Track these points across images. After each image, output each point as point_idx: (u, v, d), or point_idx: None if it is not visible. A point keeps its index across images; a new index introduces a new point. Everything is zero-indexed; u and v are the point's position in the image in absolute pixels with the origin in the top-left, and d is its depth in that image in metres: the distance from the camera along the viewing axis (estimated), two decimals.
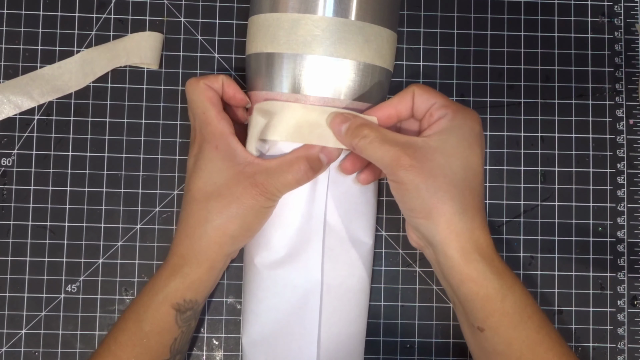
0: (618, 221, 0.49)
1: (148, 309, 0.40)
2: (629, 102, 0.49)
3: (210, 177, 0.39)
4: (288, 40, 0.40)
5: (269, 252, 0.41)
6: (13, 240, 0.47)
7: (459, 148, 0.38)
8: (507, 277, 0.38)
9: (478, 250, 0.37)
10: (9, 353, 0.46)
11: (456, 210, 0.37)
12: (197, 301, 0.41)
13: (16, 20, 0.48)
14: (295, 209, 0.41)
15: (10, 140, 0.48)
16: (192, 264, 0.40)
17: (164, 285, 0.40)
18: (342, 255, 0.42)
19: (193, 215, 0.40)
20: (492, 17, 0.49)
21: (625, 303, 0.48)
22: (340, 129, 0.39)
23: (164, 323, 0.40)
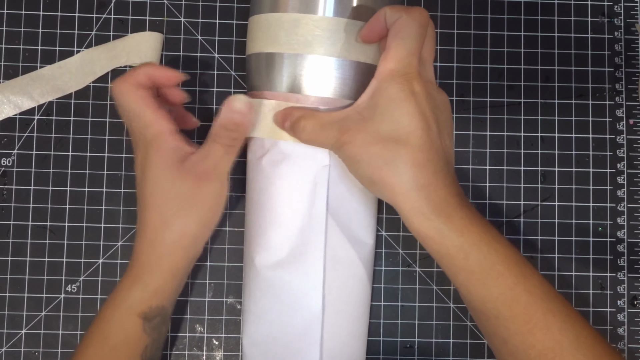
0: (618, 221, 0.49)
1: (111, 322, 0.39)
2: (629, 102, 0.49)
3: (158, 182, 0.38)
4: (289, 40, 0.39)
5: (269, 252, 0.41)
6: (13, 240, 0.47)
7: (386, 110, 0.36)
8: (472, 231, 0.36)
9: (432, 207, 0.36)
10: (9, 353, 0.46)
11: (396, 173, 0.36)
12: (164, 307, 0.40)
13: (16, 20, 0.48)
14: (295, 209, 0.41)
15: (10, 140, 0.48)
16: (153, 271, 0.39)
17: (126, 296, 0.39)
18: (344, 256, 0.42)
19: (149, 223, 0.39)
20: (492, 17, 0.49)
21: (625, 303, 0.48)
22: (284, 126, 0.39)
23: (131, 333, 0.39)
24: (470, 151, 0.49)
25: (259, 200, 0.41)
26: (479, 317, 0.38)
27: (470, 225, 0.36)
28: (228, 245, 0.48)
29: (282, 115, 0.39)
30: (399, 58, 0.36)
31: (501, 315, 0.36)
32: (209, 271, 0.47)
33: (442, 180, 0.36)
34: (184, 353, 0.47)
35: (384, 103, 0.36)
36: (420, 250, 0.48)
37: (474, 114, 0.49)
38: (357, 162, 0.37)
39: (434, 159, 0.36)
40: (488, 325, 0.38)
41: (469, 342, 0.48)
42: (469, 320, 0.48)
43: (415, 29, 0.36)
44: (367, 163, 0.36)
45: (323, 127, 0.38)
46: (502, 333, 0.36)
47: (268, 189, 0.41)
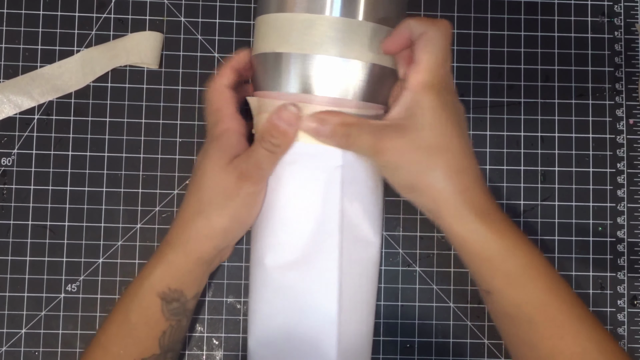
0: (618, 221, 0.49)
1: (135, 298, 0.40)
2: (629, 102, 0.49)
3: (206, 173, 0.40)
4: (300, 41, 0.39)
5: (281, 253, 0.41)
6: (13, 240, 0.47)
7: (425, 120, 0.37)
8: (509, 236, 0.37)
9: (474, 210, 0.37)
10: (9, 353, 0.46)
11: (438, 179, 0.37)
12: (182, 292, 0.40)
13: (16, 20, 0.48)
14: (307, 209, 0.40)
15: (10, 139, 0.48)
16: (178, 251, 0.40)
17: (149, 273, 0.40)
18: (356, 257, 0.41)
19: (187, 208, 0.40)
20: (492, 17, 0.49)
21: (625, 303, 0.48)
22: (318, 131, 0.38)
23: (151, 313, 0.40)
24: None
25: (269, 200, 0.41)
26: (509, 324, 0.38)
27: (508, 229, 0.38)
28: None
29: (318, 120, 0.38)
30: (431, 70, 0.37)
31: (534, 319, 0.37)
32: None
33: (481, 186, 0.38)
34: (184, 353, 0.47)
35: (421, 113, 0.37)
36: (420, 250, 0.48)
37: (474, 113, 0.49)
38: (397, 168, 0.37)
39: (472, 165, 0.38)
40: (519, 332, 0.38)
41: (469, 342, 0.48)
42: (469, 320, 0.48)
43: (442, 41, 0.37)
44: (407, 169, 0.37)
45: (362, 132, 0.38)
46: (532, 338, 0.37)
47: (278, 189, 0.41)
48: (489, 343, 0.48)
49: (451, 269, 0.48)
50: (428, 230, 0.48)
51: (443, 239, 0.48)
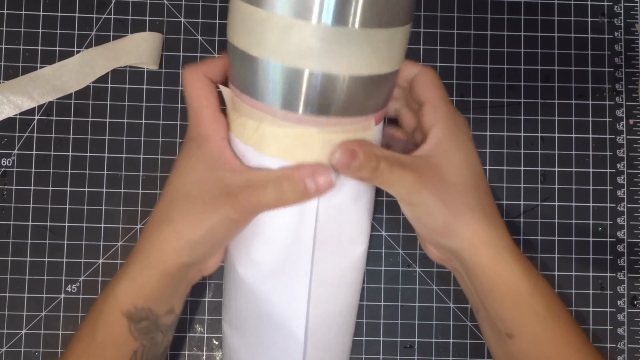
0: (618, 221, 0.49)
1: (100, 317, 0.36)
2: (629, 102, 0.49)
3: (186, 176, 0.35)
4: (278, 49, 0.32)
5: (253, 266, 0.38)
6: (13, 240, 0.47)
7: (459, 155, 0.36)
8: (534, 275, 0.37)
9: (507, 250, 0.36)
10: (9, 353, 0.46)
11: (477, 218, 0.35)
12: (151, 310, 0.36)
13: (16, 20, 0.48)
14: (282, 223, 0.36)
15: (10, 140, 0.48)
16: (142, 264, 0.36)
17: (113, 289, 0.36)
18: (331, 271, 0.38)
19: (156, 213, 0.36)
20: (492, 17, 0.49)
21: (625, 303, 0.48)
22: (346, 165, 0.34)
23: (118, 333, 0.36)
24: None
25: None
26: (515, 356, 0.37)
27: (531, 266, 0.37)
28: None
29: (346, 154, 0.34)
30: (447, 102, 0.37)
31: (551, 358, 0.36)
32: None
33: (502, 220, 0.37)
34: (184, 353, 0.47)
35: (454, 149, 0.36)
36: (420, 251, 0.48)
37: (474, 114, 0.49)
38: (430, 208, 0.35)
39: (492, 198, 0.37)
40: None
41: (468, 342, 0.48)
42: (469, 320, 0.48)
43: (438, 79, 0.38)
44: (443, 209, 0.35)
45: (393, 167, 0.34)
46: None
47: None
48: None
49: None
50: None
51: None
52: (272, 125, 0.34)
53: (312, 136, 0.34)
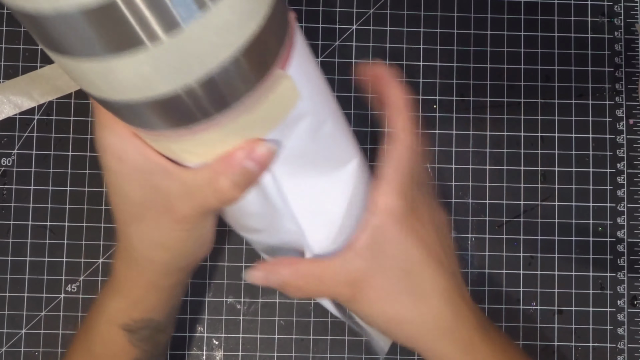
0: (618, 221, 0.49)
1: (94, 330, 0.35)
2: (629, 102, 0.49)
3: (123, 194, 0.31)
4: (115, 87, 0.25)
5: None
6: (13, 240, 0.47)
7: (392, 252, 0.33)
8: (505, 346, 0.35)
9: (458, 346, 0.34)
10: (9, 353, 0.46)
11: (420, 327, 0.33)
12: (151, 319, 0.35)
13: (16, 20, 0.48)
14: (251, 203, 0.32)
15: (10, 140, 0.48)
16: (130, 284, 0.34)
17: (106, 305, 0.35)
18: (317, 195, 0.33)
19: (120, 239, 0.33)
20: (492, 17, 0.49)
21: (625, 303, 0.48)
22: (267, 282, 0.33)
23: (116, 345, 0.35)
24: (470, 151, 0.49)
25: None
26: None
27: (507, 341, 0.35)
28: (228, 245, 0.48)
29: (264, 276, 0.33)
30: (395, 193, 0.33)
31: None
32: (209, 271, 0.47)
33: (463, 318, 0.34)
34: (184, 353, 0.47)
35: (387, 244, 0.33)
36: None
37: (474, 114, 0.49)
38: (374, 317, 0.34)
39: (452, 296, 0.34)
40: None
41: None
42: None
43: (407, 156, 0.33)
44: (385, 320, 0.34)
45: (323, 283, 0.32)
46: None
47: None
48: None
49: None
50: None
51: None
52: (175, 143, 0.28)
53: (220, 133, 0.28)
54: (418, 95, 0.49)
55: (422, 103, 0.49)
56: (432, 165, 0.49)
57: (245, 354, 0.47)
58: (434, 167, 0.49)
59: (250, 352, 0.47)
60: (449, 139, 0.49)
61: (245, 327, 0.47)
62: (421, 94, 0.49)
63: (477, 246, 0.48)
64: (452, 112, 0.49)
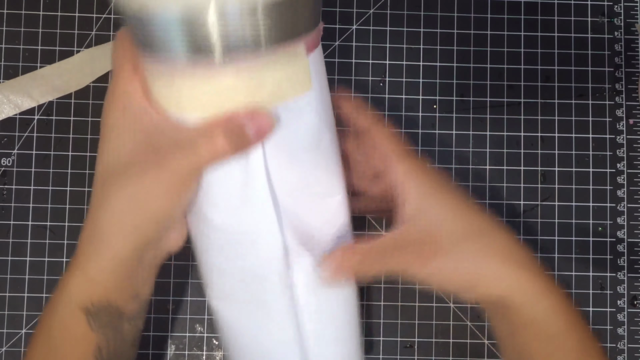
0: (618, 221, 0.49)
1: (55, 312, 0.33)
2: (629, 102, 0.49)
3: (113, 148, 0.31)
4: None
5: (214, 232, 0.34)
6: (13, 240, 0.47)
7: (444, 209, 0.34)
8: (568, 309, 0.35)
9: (541, 289, 0.34)
10: (9, 353, 0.46)
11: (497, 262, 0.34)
12: (110, 303, 0.33)
13: (16, 20, 0.48)
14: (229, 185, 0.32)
15: (10, 140, 0.48)
16: (90, 255, 0.32)
17: (66, 282, 0.33)
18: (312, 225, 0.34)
19: (94, 197, 0.32)
20: (492, 17, 0.49)
21: (625, 303, 0.48)
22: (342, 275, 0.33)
23: (76, 328, 0.33)
24: (470, 151, 0.49)
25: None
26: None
27: (563, 298, 0.35)
28: None
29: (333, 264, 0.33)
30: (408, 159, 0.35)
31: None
32: None
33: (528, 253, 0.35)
34: (184, 353, 0.47)
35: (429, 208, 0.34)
36: None
37: (474, 114, 0.49)
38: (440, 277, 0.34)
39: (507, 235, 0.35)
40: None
41: (468, 342, 0.48)
42: (469, 320, 0.48)
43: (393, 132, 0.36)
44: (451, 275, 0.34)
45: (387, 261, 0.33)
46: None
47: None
48: (489, 343, 0.48)
49: None
50: None
51: None
52: (188, 80, 0.29)
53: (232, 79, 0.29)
54: (418, 96, 0.49)
55: (422, 103, 0.49)
56: (432, 165, 0.49)
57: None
58: (434, 168, 0.49)
59: None
60: (449, 139, 0.49)
61: None
62: (421, 94, 0.49)
63: None
64: (452, 112, 0.49)
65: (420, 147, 0.49)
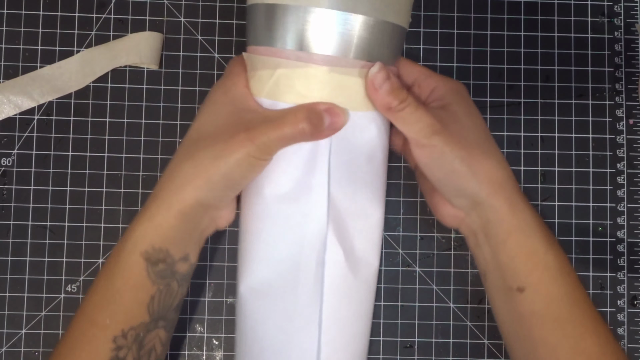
0: (618, 221, 0.49)
1: (118, 261, 0.36)
2: (629, 102, 0.49)
3: (209, 117, 0.37)
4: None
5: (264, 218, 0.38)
6: (13, 240, 0.47)
7: (464, 111, 0.38)
8: (547, 229, 0.37)
9: (523, 199, 0.37)
10: (9, 353, 0.46)
11: (493, 161, 0.37)
12: (168, 252, 0.36)
13: (16, 20, 0.48)
14: (294, 178, 0.37)
15: (10, 140, 0.48)
16: (160, 204, 0.36)
17: (132, 231, 0.36)
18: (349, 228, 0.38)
19: (179, 153, 0.37)
20: (492, 17, 0.49)
21: (625, 303, 0.48)
22: (383, 85, 0.36)
23: (136, 276, 0.36)
24: None
25: None
26: (532, 324, 0.37)
27: (542, 222, 0.38)
28: (228, 245, 0.48)
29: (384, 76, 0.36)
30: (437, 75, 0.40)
31: (561, 317, 0.36)
32: (209, 271, 0.47)
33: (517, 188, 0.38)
34: (184, 353, 0.47)
35: (459, 105, 0.38)
36: (420, 251, 0.48)
37: None
38: (450, 150, 0.36)
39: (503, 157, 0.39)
40: (541, 332, 0.37)
41: (468, 342, 0.48)
42: (469, 321, 0.48)
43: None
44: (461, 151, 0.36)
45: (419, 107, 0.37)
46: (554, 338, 0.36)
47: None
48: (489, 343, 0.48)
49: (451, 269, 0.48)
50: (428, 231, 0.48)
51: (443, 239, 0.48)
52: (286, 68, 0.36)
53: (323, 75, 0.36)
54: None
55: None
56: None
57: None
58: None
59: None
60: None
61: None
62: None
63: None
64: None
65: None
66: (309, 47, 0.36)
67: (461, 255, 0.48)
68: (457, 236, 0.48)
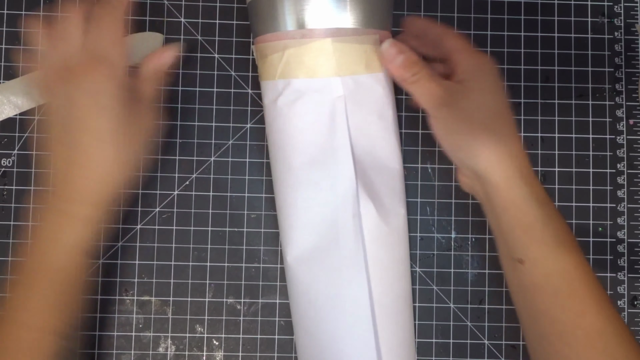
0: (618, 221, 0.49)
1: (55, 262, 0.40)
2: (629, 102, 0.49)
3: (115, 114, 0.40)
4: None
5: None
6: (13, 240, 0.47)
7: (480, 88, 0.39)
8: (548, 205, 0.38)
9: (521, 175, 0.38)
10: None
11: (495, 139, 0.38)
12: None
13: (16, 20, 0.48)
14: (317, 143, 0.41)
15: (11, 140, 0.48)
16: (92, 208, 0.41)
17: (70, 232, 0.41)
18: (374, 183, 0.42)
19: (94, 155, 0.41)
20: (492, 17, 0.49)
21: (625, 303, 0.48)
22: (395, 59, 0.40)
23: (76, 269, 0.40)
24: None
25: (280, 141, 0.42)
26: (533, 296, 0.38)
27: (546, 197, 0.39)
28: (228, 246, 0.48)
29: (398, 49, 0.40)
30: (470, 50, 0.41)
31: (560, 291, 0.37)
32: (209, 271, 0.47)
33: (525, 154, 0.39)
34: (184, 353, 0.47)
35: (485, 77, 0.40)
36: (420, 251, 0.48)
37: None
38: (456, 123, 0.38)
39: (517, 133, 0.40)
40: (541, 304, 0.37)
41: (469, 342, 0.48)
42: (469, 321, 0.48)
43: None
44: (466, 125, 0.38)
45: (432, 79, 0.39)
46: (554, 311, 0.37)
47: (287, 129, 0.41)
48: (489, 344, 0.48)
49: (451, 269, 0.48)
50: (428, 231, 0.48)
51: (443, 239, 0.48)
52: (294, 47, 0.40)
53: (327, 46, 0.40)
54: None
55: None
56: (433, 165, 0.49)
57: (246, 355, 0.47)
58: (434, 168, 0.49)
59: (251, 353, 0.47)
60: None
61: (246, 327, 0.47)
62: None
63: (477, 246, 0.48)
64: None
65: (421, 148, 0.49)
66: (311, 24, 0.40)
67: (461, 255, 0.48)
68: (457, 236, 0.48)
